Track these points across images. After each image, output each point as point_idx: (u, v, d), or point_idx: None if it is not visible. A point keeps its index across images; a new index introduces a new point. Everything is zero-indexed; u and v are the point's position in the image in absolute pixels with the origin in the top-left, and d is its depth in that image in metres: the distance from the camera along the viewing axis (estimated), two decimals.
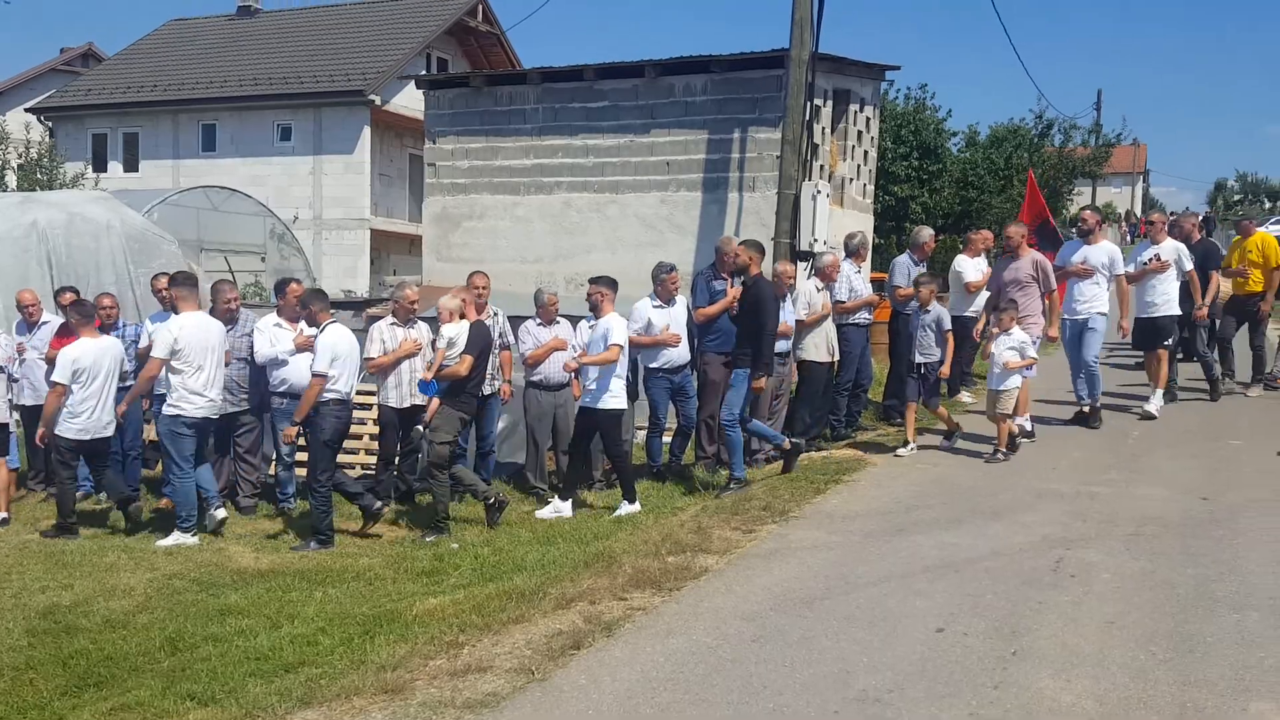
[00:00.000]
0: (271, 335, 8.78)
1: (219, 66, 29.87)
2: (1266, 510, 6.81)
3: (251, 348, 8.84)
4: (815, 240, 12.61)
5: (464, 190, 15.89)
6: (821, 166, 14.37)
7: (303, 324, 8.90)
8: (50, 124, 30.34)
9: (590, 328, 9.36)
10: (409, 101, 25.77)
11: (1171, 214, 12.88)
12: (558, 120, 15.19)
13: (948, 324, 9.17)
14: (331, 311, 8.42)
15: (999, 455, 8.58)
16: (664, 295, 9.23)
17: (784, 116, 12.55)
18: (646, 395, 9.40)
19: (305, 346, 8.76)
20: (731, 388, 8.46)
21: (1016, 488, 7.63)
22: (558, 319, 9.38)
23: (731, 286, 9.27)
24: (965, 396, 11.45)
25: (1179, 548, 6.04)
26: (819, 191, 12.75)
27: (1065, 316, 9.78)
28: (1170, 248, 10.05)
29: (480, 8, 30.45)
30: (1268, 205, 67.21)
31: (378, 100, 27.20)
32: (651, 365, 9.24)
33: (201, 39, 32.14)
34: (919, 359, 9.18)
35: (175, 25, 33.99)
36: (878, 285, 12.44)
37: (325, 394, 7.88)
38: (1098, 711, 3.99)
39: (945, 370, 9.12)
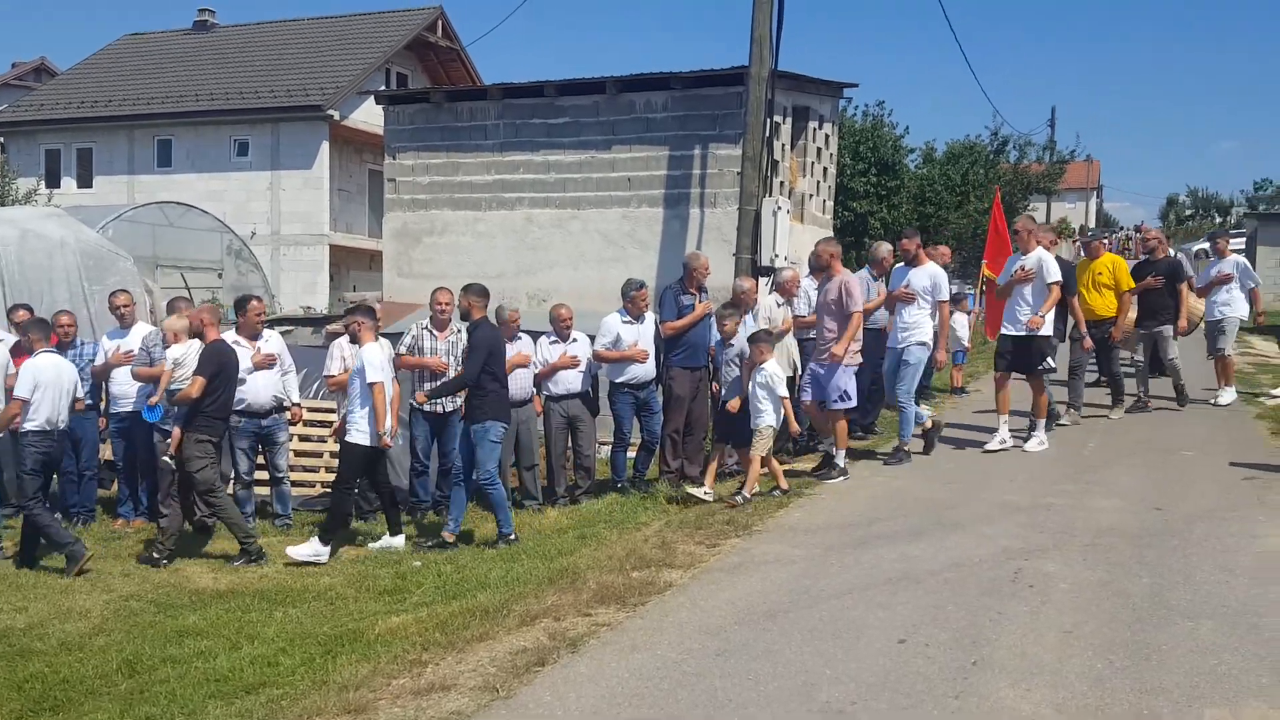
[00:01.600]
0: None
1: (175, 81, 29.59)
2: (1218, 520, 6.93)
3: None
4: (776, 255, 12.71)
5: (425, 206, 15.85)
6: (782, 183, 14.49)
7: (261, 342, 8.85)
8: (2, 139, 29.90)
9: (551, 343, 9.40)
10: (368, 117, 25.68)
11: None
12: (519, 136, 15.23)
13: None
14: (44, 342, 8.19)
15: (739, 498, 7.86)
16: (634, 312, 9.29)
17: (744, 133, 12.66)
18: (611, 410, 9.42)
19: (264, 365, 8.72)
20: (478, 446, 8.03)
21: (975, 500, 7.72)
22: (519, 335, 9.39)
23: (699, 302, 9.34)
24: (924, 409, 11.56)
25: (1134, 558, 6.13)
26: (779, 207, 12.87)
27: (888, 345, 9.34)
28: (1034, 258, 9.32)
29: (440, 23, 30.42)
30: (1218, 220, 68.48)
31: (336, 115, 27.06)
32: (617, 380, 9.27)
33: (157, 54, 31.81)
34: (724, 395, 8.63)
35: (130, 40, 33.64)
36: None
37: (25, 424, 7.80)
38: None
39: (735, 404, 8.31)
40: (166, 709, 4.94)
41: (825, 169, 16.70)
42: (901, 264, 9.69)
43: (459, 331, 9.25)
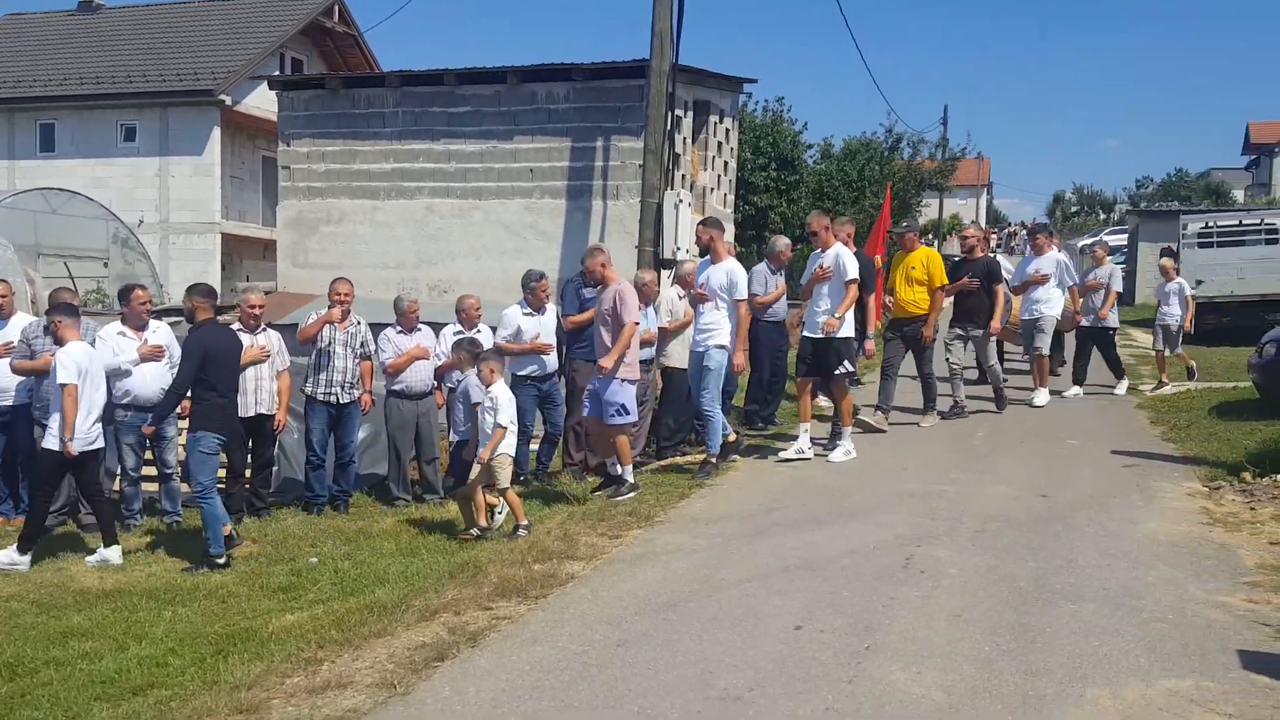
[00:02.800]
0: (115, 344, 8.42)
1: (59, 64, 28.45)
2: (1100, 506, 7.22)
3: None
4: (678, 248, 12.80)
5: (321, 194, 15.54)
6: (683, 176, 14.59)
7: (148, 333, 8.58)
8: None
9: (455, 335, 9.29)
10: (262, 102, 24.99)
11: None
12: (418, 124, 15.03)
13: (476, 396, 7.75)
14: None
15: (473, 532, 7.29)
16: (534, 303, 9.23)
17: (646, 126, 12.70)
18: None
19: (150, 356, 8.46)
20: (189, 456, 7.63)
21: (871, 488, 7.89)
22: (419, 326, 9.27)
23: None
24: (822, 401, 11.76)
25: (1021, 543, 6.33)
26: (681, 200, 12.96)
27: (691, 348, 8.78)
28: (831, 256, 8.89)
29: (336, 8, 29.80)
30: (1102, 216, 71.11)
31: (228, 100, 26.33)
32: (519, 373, 9.21)
33: (40, 35, 30.54)
34: (454, 437, 7.99)
35: (11, 20, 32.24)
36: None
37: None
38: (946, 702, 4.16)
39: (484, 454, 7.40)
40: (49, 712, 4.76)
41: (726, 163, 16.85)
42: (704, 259, 8.90)
43: (358, 323, 9.10)
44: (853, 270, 8.83)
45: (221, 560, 7.34)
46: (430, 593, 5.83)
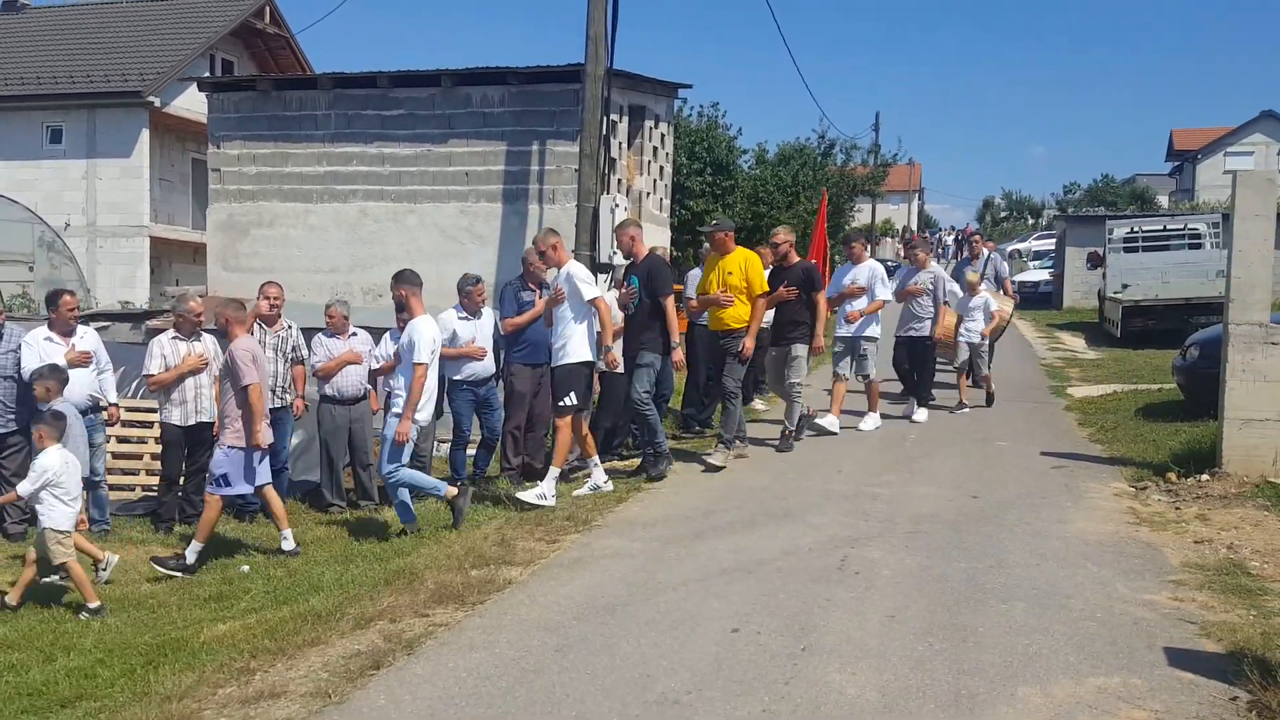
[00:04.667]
0: (41, 350, 8.23)
1: None
2: (1030, 507, 7.36)
3: (19, 364, 8.24)
4: (614, 252, 12.80)
5: (252, 197, 15.30)
6: (619, 180, 14.62)
7: (75, 338, 8.39)
8: None
9: (393, 340, 9.20)
10: (191, 104, 24.52)
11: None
12: (351, 127, 14.87)
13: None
14: None
15: (92, 606, 6.46)
16: (470, 307, 9.18)
17: (581, 130, 12.69)
18: (450, 407, 9.30)
19: (78, 362, 8.26)
20: None
21: (805, 490, 7.96)
22: (355, 331, 9.19)
23: (540, 298, 9.30)
24: (758, 404, 11.87)
25: (953, 543, 6.44)
26: (617, 205, 12.97)
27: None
28: (563, 274, 8.02)
29: (268, 9, 29.34)
30: (1030, 221, 72.59)
31: (157, 102, 25.79)
32: (456, 377, 9.16)
33: None
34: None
35: None
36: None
37: None
38: (880, 702, 4.21)
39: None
40: None
41: (662, 168, 16.91)
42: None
43: (289, 327, 8.99)
44: (586, 289, 7.99)
45: None
46: (366, 600, 5.77)
